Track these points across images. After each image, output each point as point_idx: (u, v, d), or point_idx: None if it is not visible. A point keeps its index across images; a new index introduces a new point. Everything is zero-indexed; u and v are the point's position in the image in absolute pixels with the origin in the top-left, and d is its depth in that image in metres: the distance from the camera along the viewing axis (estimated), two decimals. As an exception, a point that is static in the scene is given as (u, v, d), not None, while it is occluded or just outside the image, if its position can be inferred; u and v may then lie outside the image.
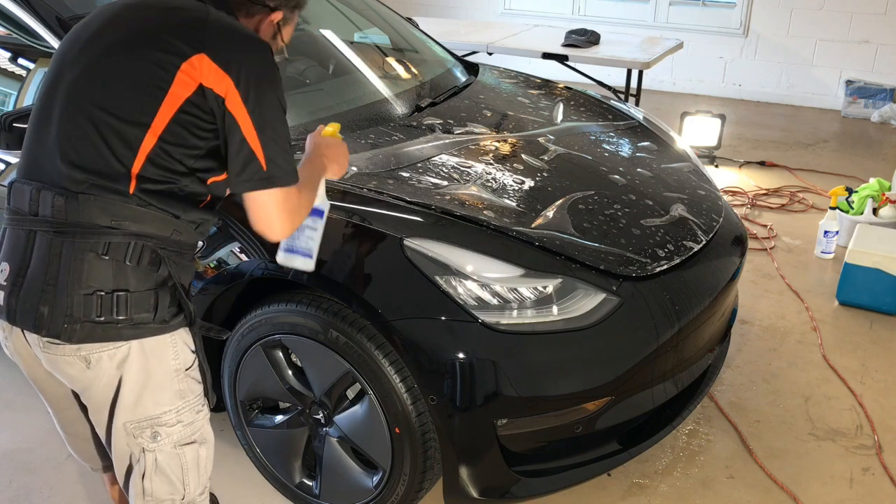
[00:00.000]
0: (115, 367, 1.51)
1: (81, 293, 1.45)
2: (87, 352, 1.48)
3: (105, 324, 1.46)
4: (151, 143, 1.46)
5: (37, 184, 1.50)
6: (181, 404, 1.58)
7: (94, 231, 1.45)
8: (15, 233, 1.52)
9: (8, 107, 2.62)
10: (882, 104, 6.25)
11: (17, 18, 2.45)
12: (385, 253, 2.04)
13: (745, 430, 2.68)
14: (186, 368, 1.59)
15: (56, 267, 1.45)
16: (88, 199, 1.45)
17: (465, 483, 2.03)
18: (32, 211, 1.49)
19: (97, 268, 1.45)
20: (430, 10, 7.56)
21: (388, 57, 3.25)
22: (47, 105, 1.55)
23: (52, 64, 1.59)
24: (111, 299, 1.46)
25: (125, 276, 1.47)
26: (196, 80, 1.45)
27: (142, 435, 1.56)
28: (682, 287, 2.23)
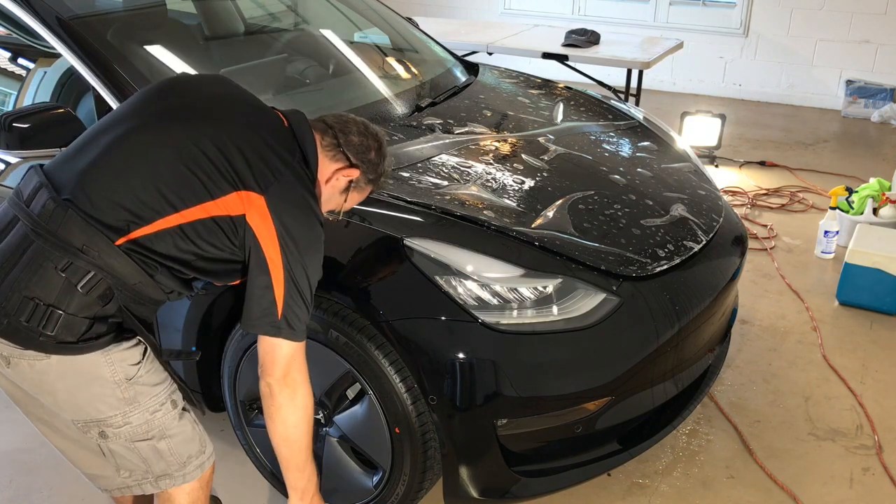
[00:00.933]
0: (38, 374, 1.53)
1: (22, 293, 1.47)
2: (8, 352, 1.51)
3: (28, 331, 1.48)
4: (169, 224, 1.53)
5: (44, 180, 1.55)
6: (129, 409, 1.60)
7: (64, 247, 1.48)
8: (6, 210, 1.58)
9: (8, 107, 2.62)
10: (882, 104, 6.25)
11: (17, 18, 2.45)
12: (385, 253, 2.04)
13: (745, 430, 2.68)
14: (129, 379, 1.59)
15: (17, 259, 1.49)
16: (75, 218, 1.49)
17: (465, 483, 2.03)
18: (28, 200, 1.54)
19: (48, 279, 1.48)
20: (430, 10, 7.56)
21: (388, 57, 3.25)
22: (107, 131, 1.60)
23: (143, 93, 1.66)
24: (45, 312, 1.47)
25: (70, 297, 1.49)
26: (242, 209, 1.55)
27: (89, 431, 1.61)
28: (683, 287, 2.23)
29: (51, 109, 2.22)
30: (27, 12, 2.42)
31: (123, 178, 1.53)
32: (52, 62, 2.54)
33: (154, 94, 1.68)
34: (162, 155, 1.56)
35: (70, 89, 2.52)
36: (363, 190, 1.83)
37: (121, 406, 1.59)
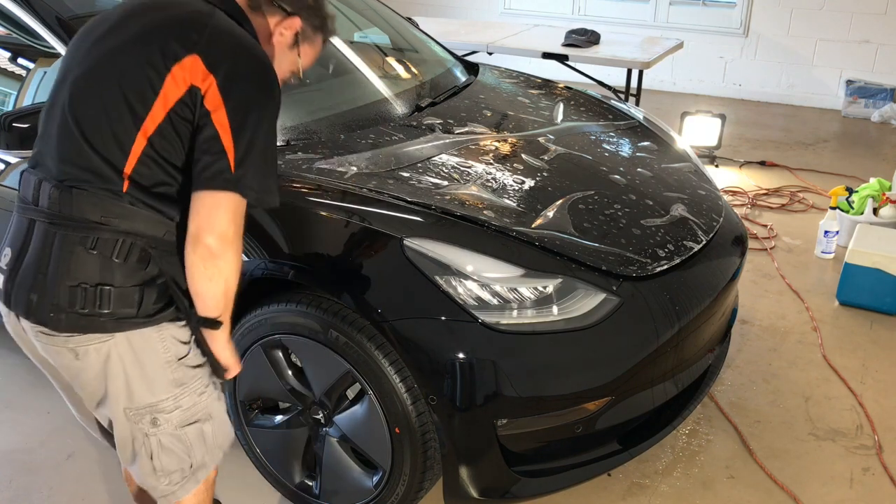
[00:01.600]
0: (102, 360, 1.54)
1: (67, 284, 1.49)
2: (74, 344, 1.52)
3: (88, 316, 1.50)
4: (142, 145, 1.48)
5: (40, 175, 1.55)
6: (178, 391, 1.61)
7: (84, 225, 1.49)
8: (19, 220, 1.58)
9: (8, 107, 2.62)
10: (882, 104, 6.25)
11: (17, 18, 2.45)
12: (385, 253, 2.04)
13: (745, 430, 2.68)
14: (179, 358, 1.60)
15: (48, 256, 1.50)
16: (81, 193, 1.49)
17: (465, 483, 2.03)
18: (34, 200, 1.54)
19: (84, 261, 1.49)
20: (430, 10, 7.56)
21: (388, 57, 3.25)
22: (54, 101, 1.59)
23: (63, 60, 1.62)
24: (95, 293, 1.49)
25: (111, 271, 1.50)
26: (187, 81, 1.46)
27: (141, 421, 1.60)
28: (683, 287, 2.23)
29: (51, 109, 2.22)
30: (27, 12, 2.42)
31: (88, 132, 1.50)
32: (52, 62, 2.54)
33: (75, 45, 1.62)
34: (100, 92, 1.51)
35: (70, 89, 2.51)
36: (314, 41, 1.72)
37: (171, 388, 1.60)
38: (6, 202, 2.57)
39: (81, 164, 1.50)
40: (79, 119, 1.51)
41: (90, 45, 1.57)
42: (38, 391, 2.91)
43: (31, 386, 2.94)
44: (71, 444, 2.65)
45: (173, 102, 1.46)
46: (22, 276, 1.53)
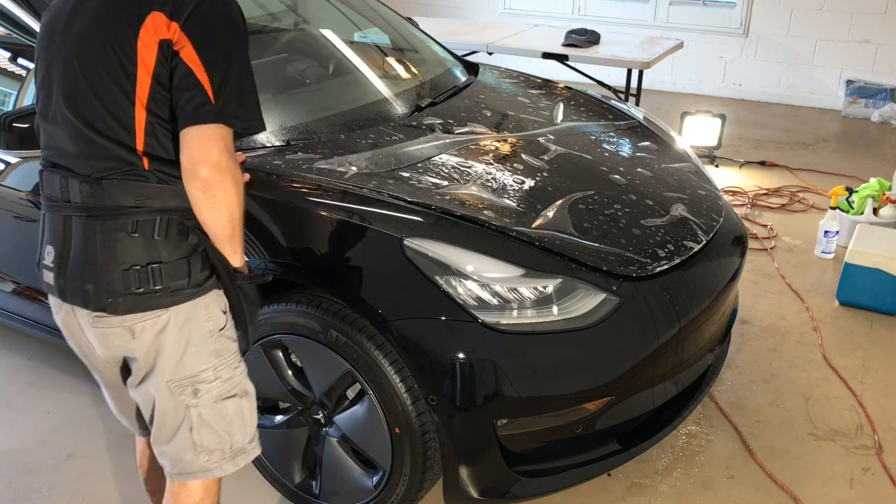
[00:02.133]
0: (156, 334, 1.61)
1: (119, 269, 1.55)
2: (131, 322, 1.59)
3: (144, 294, 1.57)
4: (143, 116, 1.51)
5: (63, 171, 1.59)
6: (217, 362, 1.68)
7: (122, 212, 1.54)
8: (53, 218, 1.62)
9: (8, 107, 2.62)
10: (882, 104, 6.25)
11: (17, 18, 2.45)
12: (385, 253, 2.04)
13: (745, 430, 2.68)
14: (220, 329, 1.68)
15: (93, 247, 1.55)
16: (111, 183, 1.54)
17: (465, 483, 2.03)
18: (64, 198, 1.58)
19: (129, 245, 1.55)
20: (430, 10, 7.56)
21: (388, 57, 3.25)
22: (47, 107, 1.61)
23: (37, 63, 1.64)
24: (147, 272, 1.56)
25: (156, 249, 1.56)
26: (156, 38, 1.48)
27: (183, 392, 1.66)
28: (683, 287, 2.23)
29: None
30: (27, 12, 2.42)
31: (95, 123, 1.54)
32: (52, 62, 2.54)
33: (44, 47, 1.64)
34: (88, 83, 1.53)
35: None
36: None
37: (211, 359, 1.66)
38: (6, 202, 2.57)
39: (100, 155, 1.54)
40: (81, 116, 1.54)
41: (58, 44, 1.59)
42: (38, 391, 2.91)
43: (31, 386, 2.94)
44: (71, 444, 2.65)
45: (153, 64, 1.49)
46: (73, 270, 1.58)
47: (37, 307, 2.74)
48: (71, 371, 3.01)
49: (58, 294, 1.64)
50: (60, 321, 1.71)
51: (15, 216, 2.59)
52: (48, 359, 3.09)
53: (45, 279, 1.65)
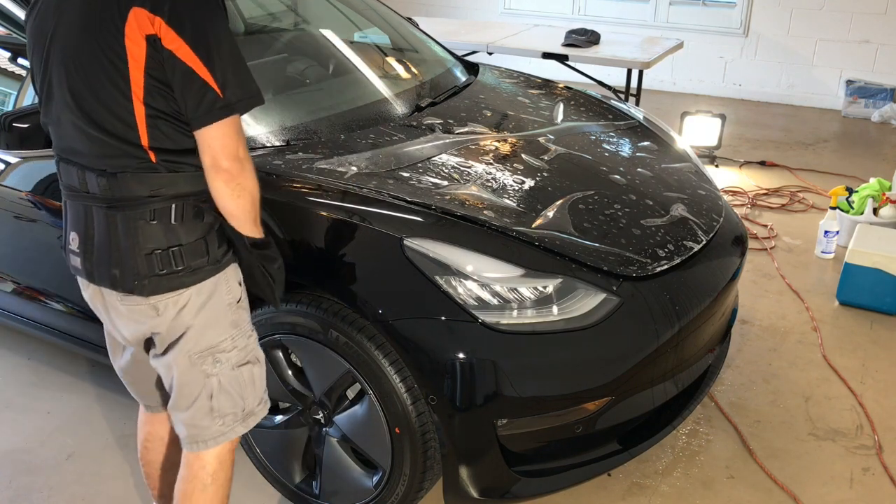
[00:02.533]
0: (179, 310, 1.69)
1: (142, 254, 1.63)
2: (156, 301, 1.67)
3: (168, 275, 1.65)
4: (142, 111, 1.55)
5: (79, 164, 1.64)
6: (235, 332, 1.77)
7: (139, 202, 1.61)
8: (74, 206, 1.69)
9: (8, 107, 2.62)
10: (882, 104, 6.25)
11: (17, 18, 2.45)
12: (385, 253, 2.04)
13: (745, 430, 2.68)
14: (237, 301, 1.77)
15: (116, 235, 1.63)
16: (125, 176, 1.60)
17: (465, 483, 2.03)
18: (83, 188, 1.65)
19: (149, 231, 1.62)
20: (430, 10, 7.56)
21: (388, 57, 3.25)
22: (48, 100, 1.66)
23: (33, 63, 1.67)
24: (168, 255, 1.64)
25: (175, 233, 1.64)
26: (141, 33, 1.49)
27: (204, 362, 1.74)
28: (683, 287, 2.23)
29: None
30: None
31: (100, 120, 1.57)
32: (52, 62, 2.54)
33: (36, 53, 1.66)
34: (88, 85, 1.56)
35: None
36: None
37: (229, 330, 1.76)
38: (6, 202, 2.57)
39: (109, 153, 1.59)
40: (85, 117, 1.59)
41: (50, 47, 1.61)
42: (38, 391, 2.91)
43: (31, 386, 2.94)
44: (71, 444, 2.65)
45: (143, 60, 1.50)
46: (98, 256, 1.66)
47: (37, 307, 2.74)
48: (71, 371, 3.01)
49: (86, 276, 1.72)
50: (87, 298, 1.80)
51: (15, 216, 2.59)
52: (48, 359, 3.08)
53: (72, 262, 1.73)
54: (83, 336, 2.67)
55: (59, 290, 2.65)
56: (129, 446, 2.64)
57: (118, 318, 1.75)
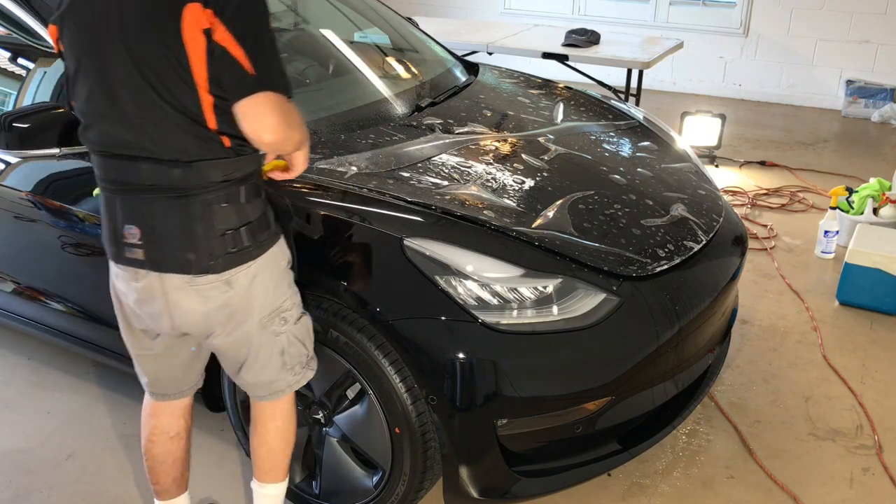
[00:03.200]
0: (249, 280, 1.79)
1: (217, 236, 1.71)
2: (228, 276, 1.76)
3: (240, 251, 1.75)
4: (210, 101, 1.62)
5: (140, 159, 1.67)
6: (290, 291, 1.91)
7: (213, 188, 1.69)
8: (130, 200, 1.71)
9: (8, 107, 2.62)
10: (882, 104, 6.25)
11: (17, 18, 2.45)
12: (385, 253, 2.04)
13: (745, 430, 2.68)
14: (289, 263, 1.90)
15: (189, 222, 1.69)
16: (201, 164, 1.67)
17: (465, 483, 2.03)
18: (147, 182, 1.68)
19: (223, 214, 1.71)
20: (430, 10, 7.56)
21: (388, 57, 3.25)
22: (103, 97, 1.66)
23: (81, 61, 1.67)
24: (239, 233, 1.74)
25: (244, 212, 1.75)
26: (198, 28, 1.56)
27: (273, 323, 1.87)
28: (683, 287, 2.23)
29: (51, 109, 2.22)
30: (27, 12, 2.42)
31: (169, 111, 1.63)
32: (52, 62, 2.54)
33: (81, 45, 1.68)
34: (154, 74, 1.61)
35: (70, 89, 2.51)
36: None
37: (287, 289, 1.89)
38: (6, 202, 2.57)
39: (184, 143, 1.64)
40: (156, 110, 1.62)
41: (106, 45, 1.62)
42: (38, 391, 2.91)
43: (31, 386, 2.94)
44: (71, 444, 2.65)
45: (203, 53, 1.57)
46: (168, 244, 1.70)
47: (37, 307, 2.74)
48: (71, 371, 3.01)
49: (149, 266, 1.74)
50: (139, 287, 1.79)
51: (15, 216, 2.59)
52: (48, 359, 3.08)
53: (128, 255, 1.74)
54: (83, 336, 2.68)
55: (59, 290, 2.65)
56: (129, 446, 2.64)
57: (182, 300, 1.77)
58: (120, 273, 1.82)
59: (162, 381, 2.02)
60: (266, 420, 2.01)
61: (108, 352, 2.63)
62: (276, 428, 2.02)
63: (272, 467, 2.06)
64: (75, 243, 2.50)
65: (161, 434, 2.05)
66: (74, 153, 2.29)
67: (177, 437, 2.07)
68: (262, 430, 2.02)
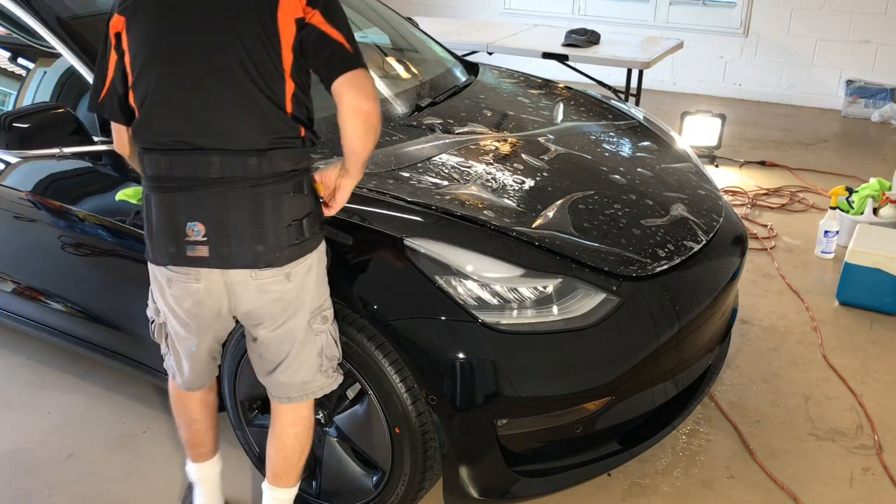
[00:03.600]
0: (305, 274, 1.84)
1: (284, 227, 1.76)
2: (289, 269, 1.81)
3: (300, 244, 1.80)
4: (291, 88, 1.73)
5: (212, 150, 1.70)
6: (327, 290, 1.95)
7: (285, 177, 1.75)
8: (197, 195, 1.72)
9: (8, 107, 2.62)
10: (882, 104, 6.25)
11: (17, 18, 2.45)
12: (385, 253, 2.04)
13: (745, 430, 2.68)
14: (325, 262, 1.93)
15: (260, 212, 1.73)
16: (275, 153, 1.73)
17: (465, 483, 2.03)
18: (215, 174, 1.71)
19: (290, 204, 1.76)
20: (430, 10, 7.56)
21: (388, 57, 3.25)
22: (176, 87, 1.70)
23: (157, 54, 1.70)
24: (301, 224, 1.79)
25: (306, 203, 1.80)
26: (292, 17, 1.69)
27: (315, 321, 1.90)
28: (683, 287, 2.23)
29: (51, 109, 2.22)
30: (27, 12, 2.42)
31: (252, 94, 1.69)
32: (52, 62, 2.54)
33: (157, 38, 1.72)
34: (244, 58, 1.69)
35: (70, 89, 2.51)
36: None
37: (326, 288, 1.94)
38: (6, 202, 2.57)
39: (265, 129, 1.71)
40: (244, 94, 1.68)
41: (190, 35, 1.68)
42: (38, 391, 2.91)
43: (31, 386, 2.94)
44: (71, 444, 2.65)
45: (292, 40, 1.70)
46: (237, 237, 1.73)
47: (37, 307, 2.74)
48: (71, 371, 3.01)
49: (215, 262, 1.75)
50: (199, 289, 1.81)
51: (15, 216, 2.59)
52: (48, 359, 3.08)
53: (190, 254, 1.75)
54: (83, 336, 2.68)
55: (59, 290, 2.65)
56: (129, 446, 2.64)
57: (241, 294, 1.81)
58: (175, 277, 1.81)
59: (204, 373, 2.06)
60: (286, 426, 2.02)
61: (108, 352, 2.63)
62: (295, 434, 2.03)
63: (286, 472, 2.06)
64: (75, 243, 2.50)
65: (202, 405, 2.13)
66: (74, 153, 2.29)
67: (213, 402, 2.17)
68: (283, 435, 2.03)
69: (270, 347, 1.92)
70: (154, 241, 1.79)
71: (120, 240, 2.36)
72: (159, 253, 1.79)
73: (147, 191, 1.78)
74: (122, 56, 1.76)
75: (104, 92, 1.81)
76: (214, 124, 1.70)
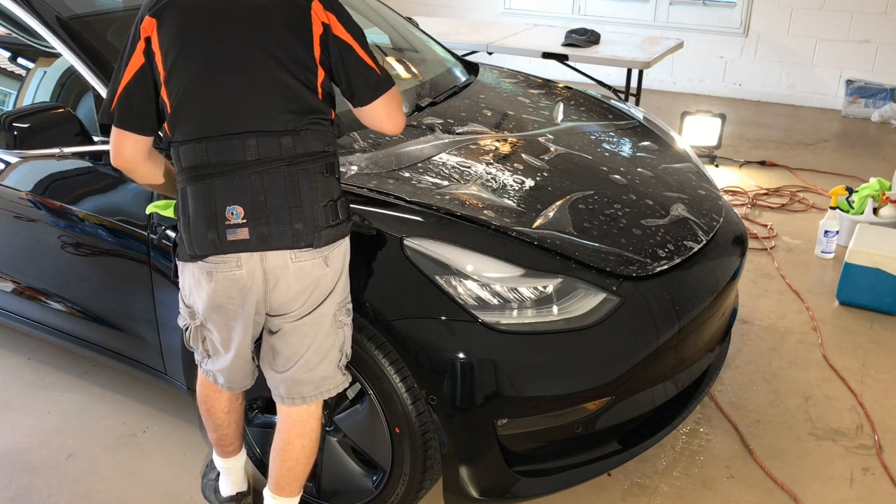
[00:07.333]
0: (341, 259, 1.89)
1: (320, 206, 1.80)
2: (327, 252, 1.84)
3: (336, 226, 1.84)
4: (322, 75, 1.82)
5: (247, 133, 1.76)
6: (348, 283, 1.96)
7: (317, 157, 1.81)
8: (234, 179, 1.76)
9: (8, 107, 2.62)
10: (882, 104, 6.25)
11: (17, 18, 2.45)
12: (385, 253, 2.04)
13: (745, 430, 2.68)
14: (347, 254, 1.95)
15: (297, 191, 1.77)
16: (308, 132, 1.80)
17: (465, 483, 2.03)
18: (252, 157, 1.76)
19: (324, 184, 1.81)
20: (430, 10, 7.56)
21: (388, 57, 3.25)
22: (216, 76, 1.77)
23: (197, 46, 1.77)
24: (335, 206, 1.83)
25: (336, 186, 1.85)
26: (319, 20, 1.81)
27: (340, 313, 1.92)
28: (683, 287, 2.23)
29: (51, 109, 2.22)
30: (27, 12, 2.42)
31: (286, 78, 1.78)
32: (52, 62, 2.54)
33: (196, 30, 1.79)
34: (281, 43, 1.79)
35: (70, 89, 2.52)
36: None
37: (346, 280, 1.94)
38: (6, 202, 2.57)
39: (300, 109, 1.79)
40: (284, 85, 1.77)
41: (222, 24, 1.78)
42: (38, 391, 2.91)
43: (31, 386, 2.94)
44: (71, 444, 2.65)
45: (319, 38, 1.81)
46: (276, 217, 1.76)
47: (37, 307, 2.74)
48: (71, 371, 3.01)
49: (256, 243, 1.77)
50: (241, 276, 1.81)
51: (15, 216, 2.59)
52: (48, 359, 3.08)
53: (231, 238, 1.76)
54: (83, 336, 2.68)
55: (59, 290, 2.65)
56: (130, 446, 2.64)
57: (281, 279, 1.81)
58: (216, 269, 1.81)
59: (242, 375, 2.04)
60: (293, 437, 1.99)
61: (108, 352, 2.63)
62: (302, 446, 2.01)
63: (289, 482, 2.05)
64: (75, 243, 2.50)
65: (234, 401, 2.13)
66: (74, 153, 2.29)
67: (239, 409, 2.17)
68: (289, 447, 2.00)
69: (291, 340, 1.89)
70: (193, 233, 1.78)
71: (120, 240, 2.36)
72: (199, 243, 1.78)
73: (182, 184, 1.79)
74: (151, 58, 1.78)
75: (115, 100, 1.81)
76: (250, 107, 1.76)
